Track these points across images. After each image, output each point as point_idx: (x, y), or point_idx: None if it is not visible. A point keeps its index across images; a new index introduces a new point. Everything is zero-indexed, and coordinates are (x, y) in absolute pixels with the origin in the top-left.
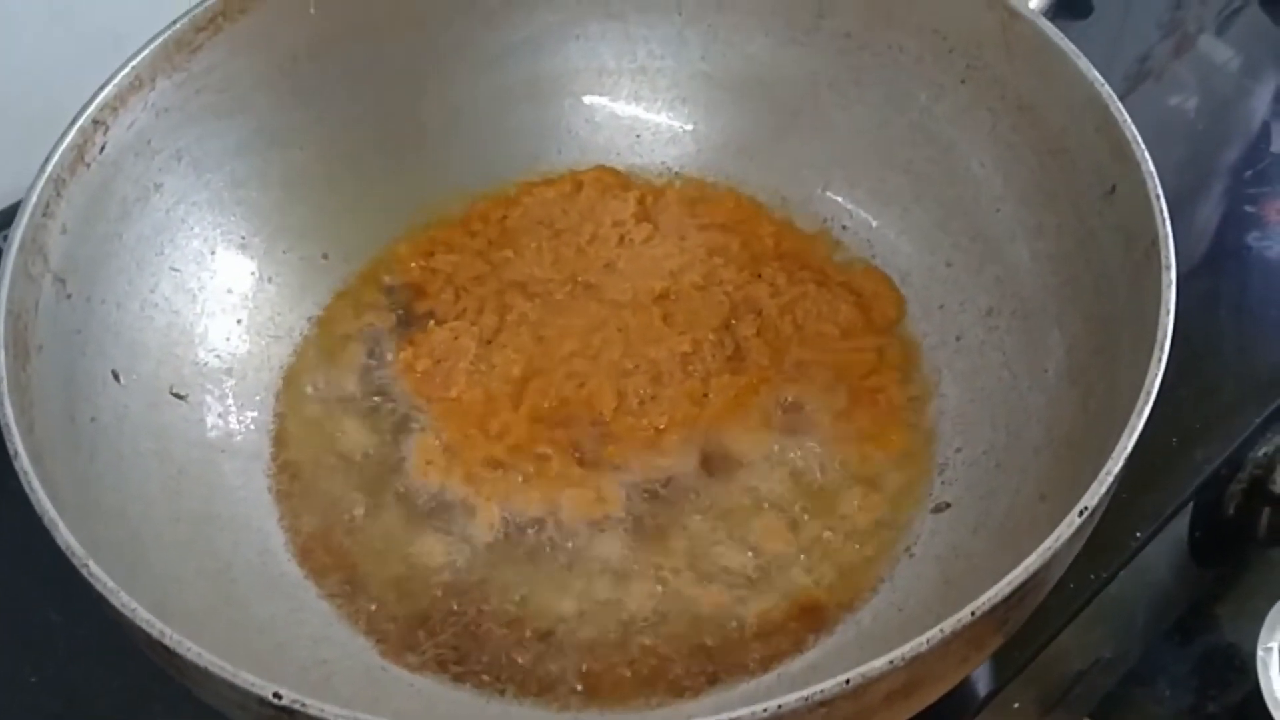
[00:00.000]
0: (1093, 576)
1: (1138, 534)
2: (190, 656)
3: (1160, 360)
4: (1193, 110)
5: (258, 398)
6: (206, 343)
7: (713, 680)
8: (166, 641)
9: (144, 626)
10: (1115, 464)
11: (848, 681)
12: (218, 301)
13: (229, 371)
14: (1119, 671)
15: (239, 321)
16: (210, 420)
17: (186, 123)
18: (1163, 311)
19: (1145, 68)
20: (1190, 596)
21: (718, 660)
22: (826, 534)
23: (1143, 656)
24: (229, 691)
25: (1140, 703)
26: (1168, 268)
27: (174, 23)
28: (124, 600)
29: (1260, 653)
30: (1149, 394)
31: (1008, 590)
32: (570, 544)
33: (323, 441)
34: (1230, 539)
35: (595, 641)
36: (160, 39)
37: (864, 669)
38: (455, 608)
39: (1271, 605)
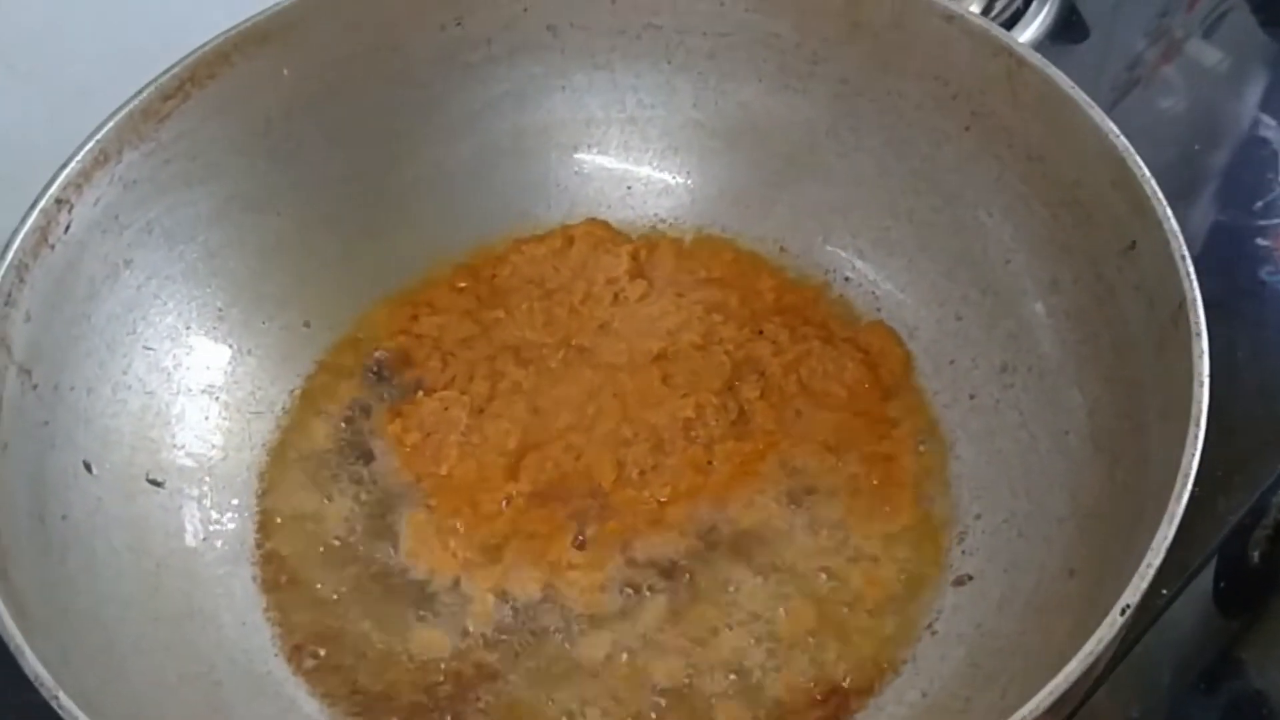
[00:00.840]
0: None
1: (1163, 591)
2: None
3: (1197, 439)
4: (1182, 113)
5: (240, 479)
6: (184, 423)
7: None
8: None
9: None
10: (1156, 556)
11: None
12: (195, 379)
13: (208, 454)
14: None
15: (217, 399)
16: (189, 508)
17: (156, 194)
18: (1196, 384)
19: (1134, 75)
20: (1216, 647)
21: None
22: (843, 612)
23: (1170, 710)
24: None
25: None
26: (1198, 335)
27: (139, 92)
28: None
29: None
30: (1186, 478)
31: (1050, 700)
32: (571, 631)
33: (309, 527)
34: (1256, 587)
35: None
36: (125, 109)
37: None
38: (453, 705)
39: None
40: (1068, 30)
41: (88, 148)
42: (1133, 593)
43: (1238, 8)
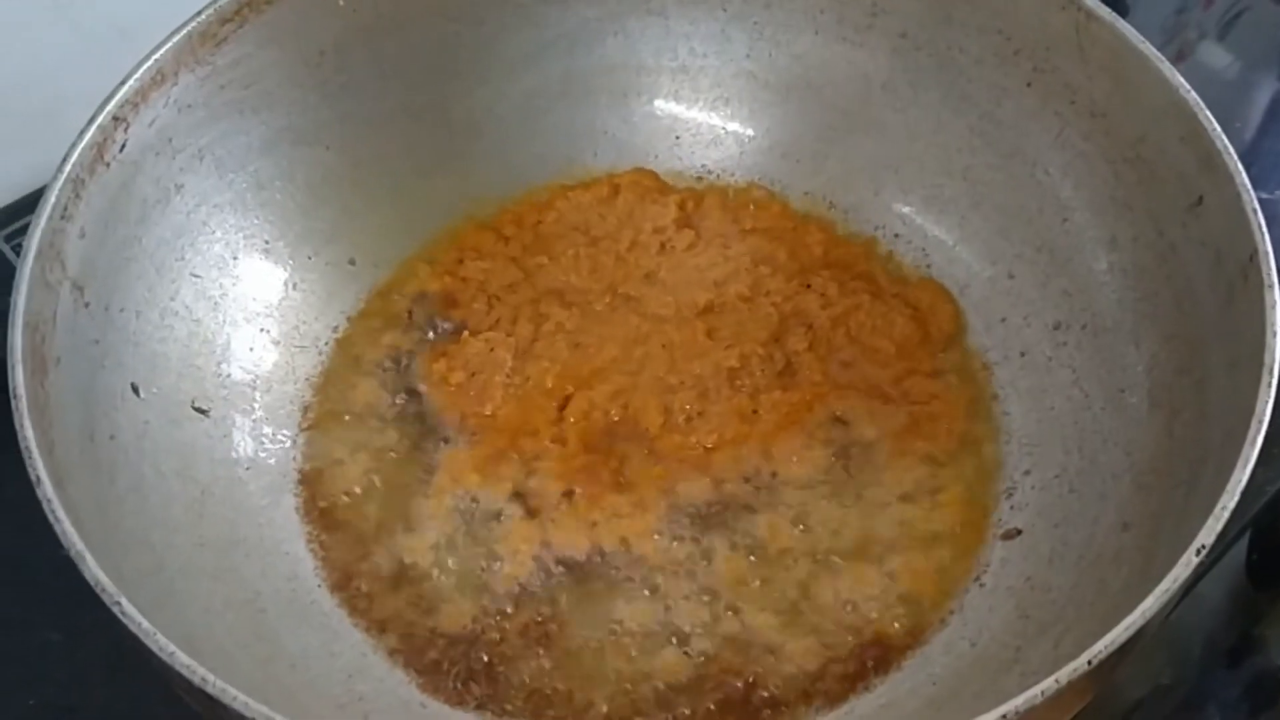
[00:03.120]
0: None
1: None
2: (236, 706)
3: (1271, 385)
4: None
5: (283, 412)
6: (230, 354)
7: (773, 716)
8: (209, 690)
9: (184, 673)
10: (1231, 498)
11: None
12: (241, 310)
13: (253, 385)
14: (1176, 698)
15: (263, 331)
16: (234, 436)
17: (209, 120)
18: (1270, 334)
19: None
20: (1246, 621)
21: (779, 697)
22: (888, 562)
23: (1196, 682)
24: None
25: None
26: (1271, 286)
27: (198, 14)
28: (161, 644)
29: None
30: (1261, 422)
31: (1124, 637)
32: (613, 573)
33: (352, 460)
34: None
35: (645, 676)
36: (184, 31)
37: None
38: (495, 639)
39: None
40: (1111, 4)
41: (145, 66)
42: (1208, 534)
43: (1253, 7)
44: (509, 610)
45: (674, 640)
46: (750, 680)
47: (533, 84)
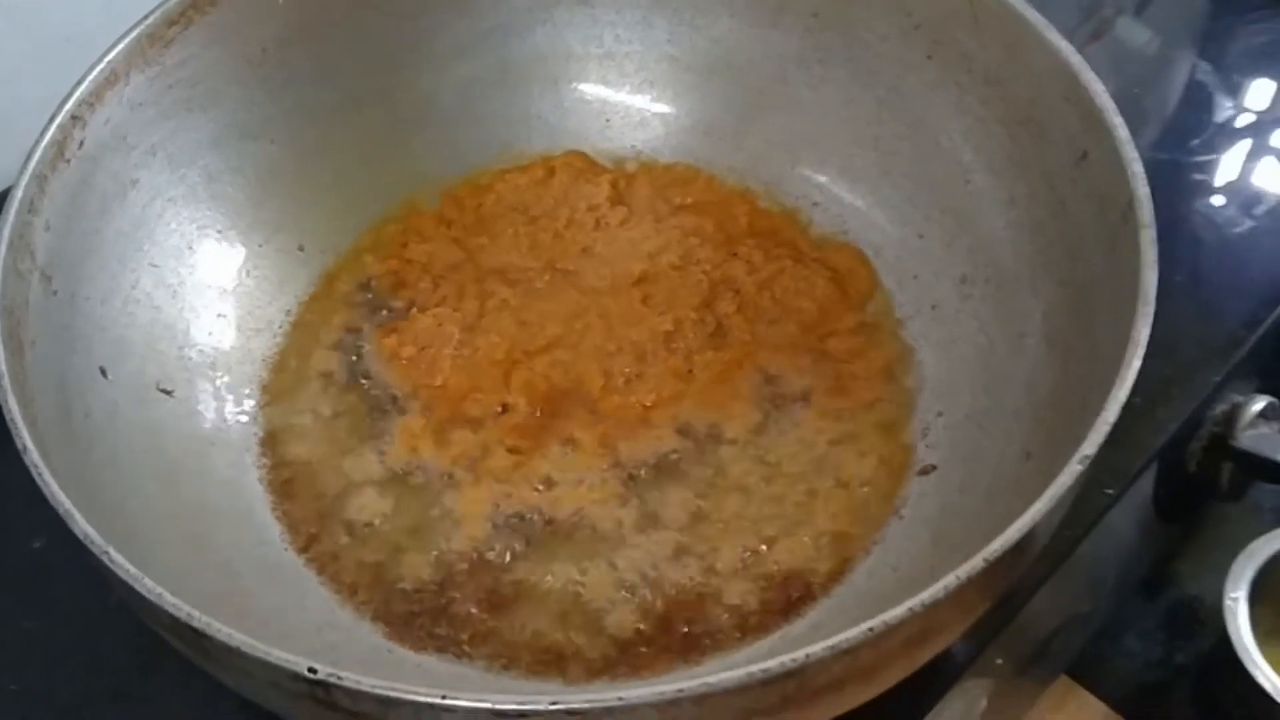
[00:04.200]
0: (1067, 533)
1: (1107, 491)
2: (221, 638)
3: (1147, 315)
4: (1116, 94)
5: (243, 390)
6: (189, 338)
7: (713, 646)
8: (195, 624)
9: (172, 610)
10: (1111, 414)
11: (871, 629)
12: (198, 296)
13: (213, 365)
14: (1093, 627)
15: (221, 316)
16: (198, 414)
17: (160, 118)
18: (1145, 269)
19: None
20: (1156, 552)
21: (717, 632)
22: (816, 501)
23: (1112, 613)
24: (260, 670)
25: (1112, 657)
26: (1147, 226)
27: (146, 16)
28: (149, 586)
29: (1227, 602)
30: (1138, 345)
31: (1016, 536)
32: (563, 528)
33: (309, 431)
34: (1193, 495)
35: (596, 617)
36: (134, 33)
37: (885, 616)
38: (454, 595)
39: (1232, 557)
40: None
41: (99, 68)
42: (1090, 445)
43: None
44: (466, 567)
45: (622, 588)
46: (692, 619)
47: (468, 73)
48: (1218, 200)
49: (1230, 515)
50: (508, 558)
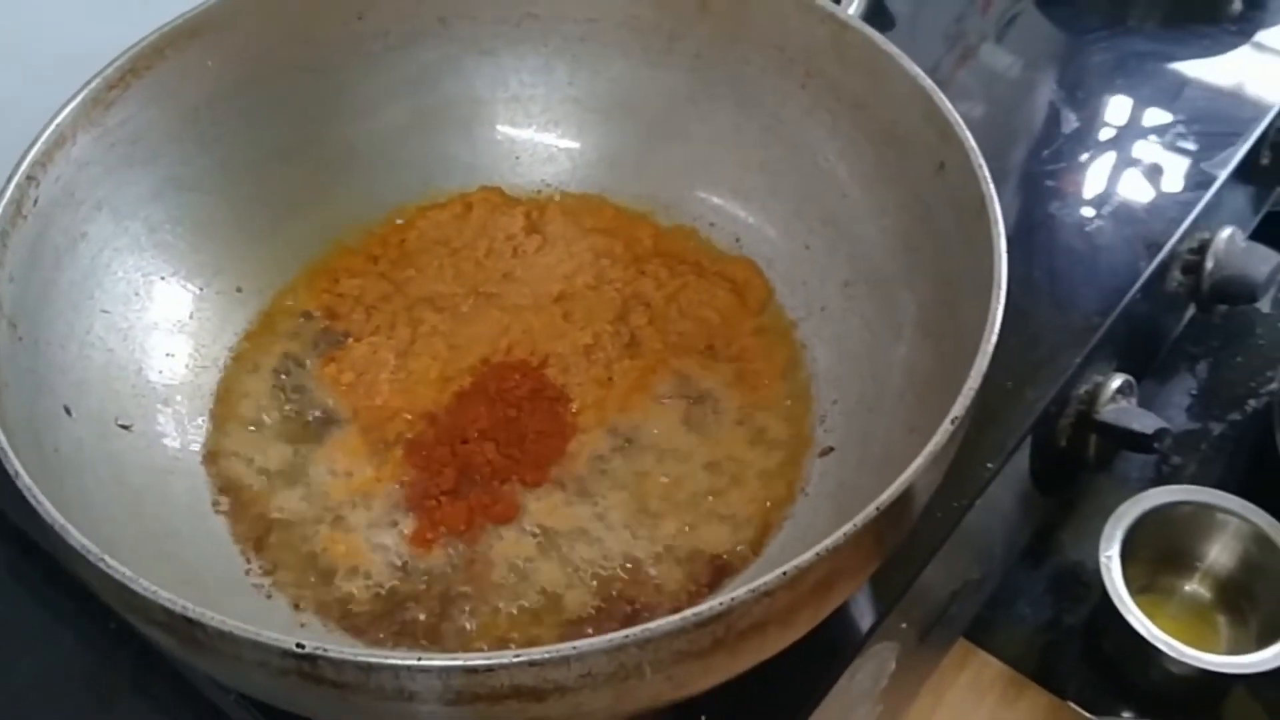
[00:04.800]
0: (954, 504)
1: (988, 465)
2: (214, 624)
3: (1000, 297)
4: (980, 116)
5: (196, 421)
6: (142, 375)
7: (651, 620)
8: (190, 615)
9: (167, 605)
10: (975, 380)
11: (784, 573)
12: (148, 337)
13: (166, 400)
14: (986, 593)
15: (169, 355)
16: (156, 445)
17: (104, 174)
18: (997, 259)
19: (935, 79)
20: (1038, 522)
21: (655, 605)
22: (731, 488)
23: (1003, 581)
24: (251, 652)
25: (1007, 621)
26: (996, 222)
27: (89, 81)
28: (145, 585)
29: (1102, 559)
30: (995, 322)
31: (902, 488)
32: (505, 529)
33: (258, 456)
34: (1066, 467)
35: (547, 603)
36: (79, 97)
37: (797, 561)
38: (409, 602)
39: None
40: (876, 16)
41: (50, 131)
42: (959, 408)
43: (1027, 10)
44: (418, 571)
45: (568, 577)
46: (632, 599)
47: (386, 122)
48: (1069, 204)
49: (1103, 487)
50: (454, 564)
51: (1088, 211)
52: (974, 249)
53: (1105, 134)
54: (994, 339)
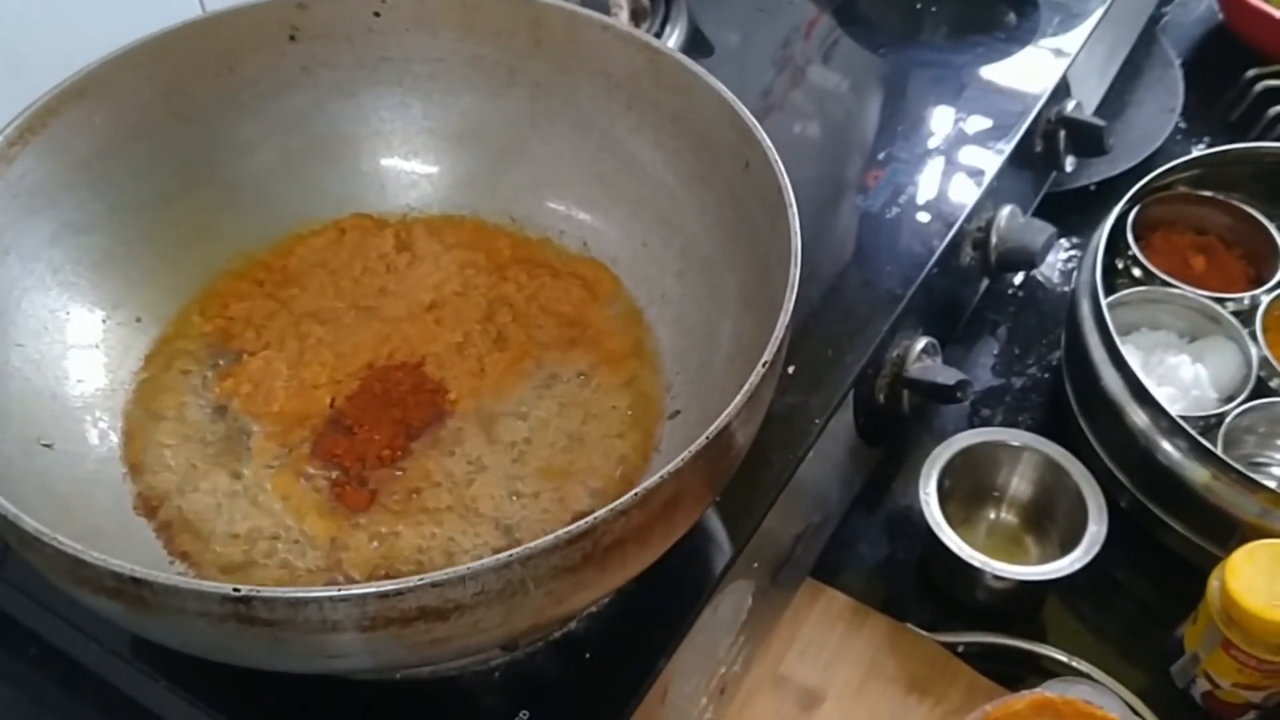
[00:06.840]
0: (789, 456)
1: (815, 421)
2: (161, 580)
3: (797, 265)
4: (816, 131)
5: (110, 437)
6: (58, 400)
7: None
8: (137, 575)
9: (116, 569)
10: (780, 328)
11: (636, 494)
12: (59, 366)
13: (82, 420)
14: (827, 536)
15: (80, 380)
16: (76, 459)
17: (9, 222)
18: (793, 234)
19: (770, 101)
20: (869, 472)
21: None
22: (596, 452)
23: (842, 524)
24: (194, 602)
25: (849, 561)
26: (790, 205)
27: None
28: (94, 556)
29: (922, 497)
30: (793, 285)
31: (726, 421)
32: (401, 501)
33: (172, 463)
34: (885, 420)
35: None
36: None
37: (646, 483)
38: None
39: None
40: (695, 46)
41: None
42: (768, 354)
43: (842, 37)
44: (338, 559)
45: (467, 536)
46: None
47: (261, 161)
48: (873, 196)
49: (925, 440)
50: (367, 539)
51: (889, 200)
52: (777, 230)
53: (903, 132)
54: (793, 298)
